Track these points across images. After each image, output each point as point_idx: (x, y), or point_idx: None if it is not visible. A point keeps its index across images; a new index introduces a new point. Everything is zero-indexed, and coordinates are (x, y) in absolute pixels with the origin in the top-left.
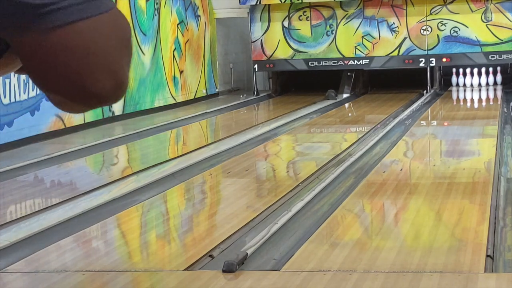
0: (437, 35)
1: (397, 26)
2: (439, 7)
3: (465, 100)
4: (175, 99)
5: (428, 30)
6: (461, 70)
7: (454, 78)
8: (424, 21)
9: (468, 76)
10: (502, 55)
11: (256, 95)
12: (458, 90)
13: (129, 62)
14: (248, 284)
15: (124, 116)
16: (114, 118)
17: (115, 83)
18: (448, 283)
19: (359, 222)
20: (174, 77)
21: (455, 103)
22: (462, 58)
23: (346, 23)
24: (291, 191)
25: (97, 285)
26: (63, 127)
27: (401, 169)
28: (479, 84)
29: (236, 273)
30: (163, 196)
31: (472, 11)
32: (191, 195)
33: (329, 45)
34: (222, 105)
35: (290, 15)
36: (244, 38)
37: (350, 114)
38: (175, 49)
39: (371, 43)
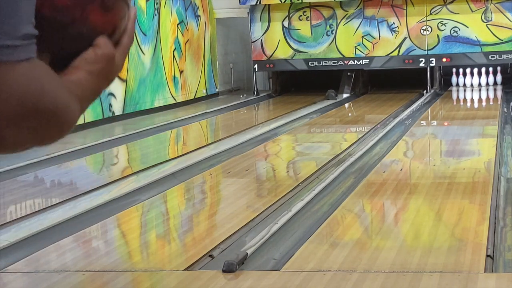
0: (437, 35)
1: (397, 26)
2: (439, 7)
3: (465, 100)
4: (175, 99)
5: (428, 30)
6: (461, 70)
7: (454, 78)
8: (424, 21)
9: (468, 76)
10: (502, 55)
11: (256, 95)
12: (458, 90)
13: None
14: (248, 284)
15: (124, 116)
16: (114, 118)
17: None
18: (448, 283)
19: (359, 222)
20: (174, 77)
21: (455, 103)
22: (462, 58)
23: (346, 23)
24: (291, 191)
25: (97, 285)
26: None
27: (401, 169)
28: (479, 84)
29: (236, 273)
30: (163, 196)
31: (472, 11)
32: (191, 195)
33: (329, 45)
34: (222, 105)
35: (290, 15)
36: (244, 38)
37: (350, 114)
38: (175, 49)
39: (371, 43)
